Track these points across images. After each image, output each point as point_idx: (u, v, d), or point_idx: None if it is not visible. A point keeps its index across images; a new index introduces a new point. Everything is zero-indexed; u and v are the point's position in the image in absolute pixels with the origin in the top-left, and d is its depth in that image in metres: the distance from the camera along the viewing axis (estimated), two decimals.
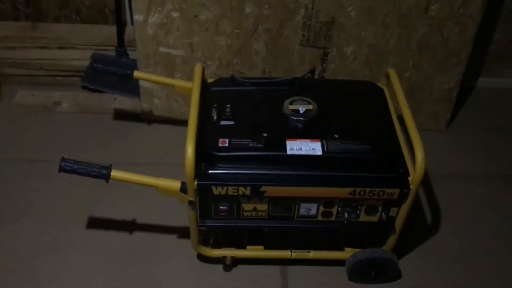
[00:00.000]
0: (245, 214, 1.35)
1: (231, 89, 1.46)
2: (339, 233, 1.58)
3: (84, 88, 2.09)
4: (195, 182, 1.25)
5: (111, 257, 1.56)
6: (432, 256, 1.62)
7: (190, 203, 1.30)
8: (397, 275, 1.53)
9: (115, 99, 2.06)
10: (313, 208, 1.34)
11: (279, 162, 1.28)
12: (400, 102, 1.38)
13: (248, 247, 1.51)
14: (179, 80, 1.57)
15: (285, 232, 1.49)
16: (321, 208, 1.34)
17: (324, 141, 1.29)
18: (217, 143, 1.28)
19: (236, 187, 1.27)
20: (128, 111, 2.04)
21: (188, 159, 1.22)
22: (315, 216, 1.36)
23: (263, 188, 1.27)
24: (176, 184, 1.28)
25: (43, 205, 1.69)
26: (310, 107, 1.36)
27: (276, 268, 1.56)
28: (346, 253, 1.50)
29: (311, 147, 1.28)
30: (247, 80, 1.48)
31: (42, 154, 1.86)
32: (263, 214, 1.35)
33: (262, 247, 1.51)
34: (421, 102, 1.97)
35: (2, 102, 2.07)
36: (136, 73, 1.54)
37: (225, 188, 1.27)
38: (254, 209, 1.34)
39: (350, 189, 1.28)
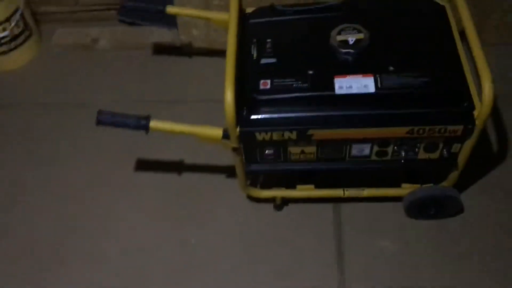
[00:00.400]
0: (292, 157, 1.28)
1: (272, 20, 1.32)
2: (396, 170, 1.48)
3: (122, 22, 1.99)
4: (237, 129, 1.18)
5: (160, 199, 1.56)
6: (497, 188, 1.50)
7: (234, 149, 1.24)
8: (459, 210, 1.44)
9: (153, 32, 1.96)
10: (366, 149, 1.24)
11: (327, 103, 1.17)
12: (464, 20, 1.20)
13: (298, 187, 1.45)
14: (214, 12, 1.44)
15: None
16: (375, 148, 1.24)
17: (377, 75, 1.16)
18: (258, 85, 1.18)
19: (281, 132, 1.18)
20: (167, 44, 1.95)
21: (228, 106, 1.13)
22: (369, 156, 1.27)
23: (310, 132, 1.18)
24: (217, 132, 1.21)
25: (90, 148, 1.68)
26: (360, 36, 1.21)
27: (329, 206, 1.50)
28: (404, 190, 1.41)
29: (363, 84, 1.15)
30: (288, 9, 1.33)
31: (85, 96, 1.83)
32: (312, 156, 1.27)
33: (312, 186, 1.45)
34: (489, 13, 1.74)
35: (42, 42, 2.03)
36: (170, 9, 1.42)
37: (269, 133, 1.18)
38: (302, 152, 1.26)
39: (407, 128, 1.16)
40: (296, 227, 1.47)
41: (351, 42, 1.20)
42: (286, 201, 1.50)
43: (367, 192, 1.42)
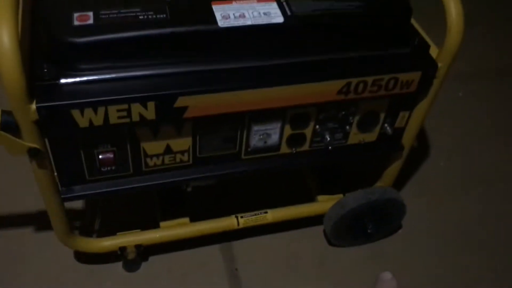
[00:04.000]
0: (150, 163, 0.72)
1: None
2: (307, 174, 1.00)
3: None
4: (33, 105, 0.58)
5: None
6: (433, 183, 1.12)
7: (32, 153, 0.62)
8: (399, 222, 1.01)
9: None
10: (274, 132, 0.74)
11: (205, 45, 0.64)
12: None
13: (162, 224, 0.88)
14: None
15: (222, 185, 0.88)
16: (287, 131, 0.75)
17: (282, 0, 0.68)
18: (71, 19, 0.61)
19: (124, 106, 0.62)
20: None
21: (6, 54, 0.54)
22: (278, 146, 0.77)
23: (180, 102, 0.63)
24: None
25: None
26: None
27: (214, 249, 0.95)
28: (323, 204, 0.93)
29: (262, 11, 0.66)
30: None
31: None
32: (185, 157, 0.73)
33: (187, 219, 0.88)
34: None
35: None
36: None
37: (102, 110, 0.61)
38: (168, 151, 0.71)
39: (341, 83, 0.69)
40: None
41: None
42: (144, 253, 0.90)
43: (271, 214, 0.90)
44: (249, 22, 0.65)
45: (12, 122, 0.59)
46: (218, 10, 0.65)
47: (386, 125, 0.80)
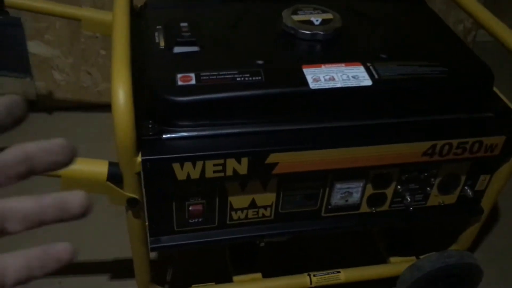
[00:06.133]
0: (234, 216, 0.74)
1: (185, 5, 0.85)
2: (377, 234, 0.99)
3: None
4: (138, 158, 0.62)
5: None
6: (507, 250, 1.08)
7: (131, 203, 0.66)
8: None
9: None
10: (355, 191, 0.75)
11: (297, 105, 0.68)
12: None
13: (235, 278, 0.88)
14: (88, 9, 0.93)
15: (293, 241, 0.89)
16: (369, 190, 0.76)
17: (368, 64, 0.72)
18: (175, 80, 0.66)
19: (220, 161, 0.65)
20: None
21: (121, 112, 0.58)
22: (358, 205, 0.77)
23: (271, 158, 0.66)
24: (100, 168, 0.63)
25: None
26: (328, 16, 0.78)
27: None
28: (395, 266, 0.92)
29: (350, 75, 0.69)
30: None
31: None
32: (267, 212, 0.74)
33: (259, 274, 0.89)
34: None
35: None
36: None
37: (200, 164, 0.64)
38: (252, 205, 0.73)
39: (427, 144, 0.70)
40: None
41: (316, 23, 0.76)
42: None
43: (344, 274, 0.89)
44: (339, 85, 0.68)
45: (117, 174, 0.63)
46: (309, 73, 0.69)
47: (466, 187, 0.80)
